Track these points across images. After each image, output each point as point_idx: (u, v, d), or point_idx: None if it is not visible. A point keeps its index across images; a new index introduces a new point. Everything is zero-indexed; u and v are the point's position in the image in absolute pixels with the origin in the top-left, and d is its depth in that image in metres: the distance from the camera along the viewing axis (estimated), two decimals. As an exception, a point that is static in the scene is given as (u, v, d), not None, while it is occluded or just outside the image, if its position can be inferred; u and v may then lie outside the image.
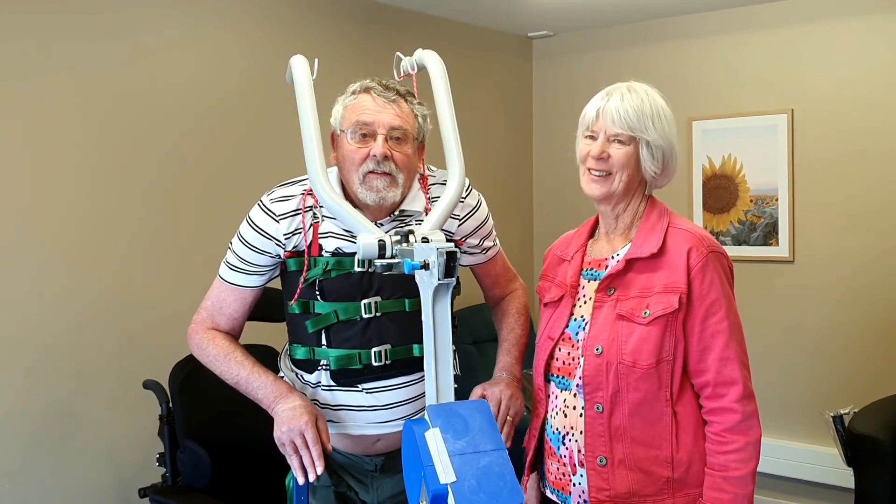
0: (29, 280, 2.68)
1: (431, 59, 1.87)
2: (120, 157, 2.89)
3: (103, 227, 2.85)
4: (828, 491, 3.75)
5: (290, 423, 1.75)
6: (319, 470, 1.74)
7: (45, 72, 2.70)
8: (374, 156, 1.78)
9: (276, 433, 1.77)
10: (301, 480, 1.75)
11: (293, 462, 1.76)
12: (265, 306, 2.08)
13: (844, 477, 3.05)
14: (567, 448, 1.77)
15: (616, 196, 1.75)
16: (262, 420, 1.85)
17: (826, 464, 3.66)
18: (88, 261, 2.82)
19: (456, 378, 1.91)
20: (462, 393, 1.78)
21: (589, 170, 1.76)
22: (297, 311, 1.89)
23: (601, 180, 1.75)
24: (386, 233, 1.63)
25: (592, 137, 1.75)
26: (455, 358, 1.98)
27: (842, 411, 2.82)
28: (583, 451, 1.73)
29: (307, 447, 1.74)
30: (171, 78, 3.04)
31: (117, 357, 2.89)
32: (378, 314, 1.85)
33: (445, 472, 1.44)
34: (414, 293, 1.70)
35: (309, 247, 1.85)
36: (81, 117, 2.79)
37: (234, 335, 1.98)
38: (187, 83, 3.09)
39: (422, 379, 1.77)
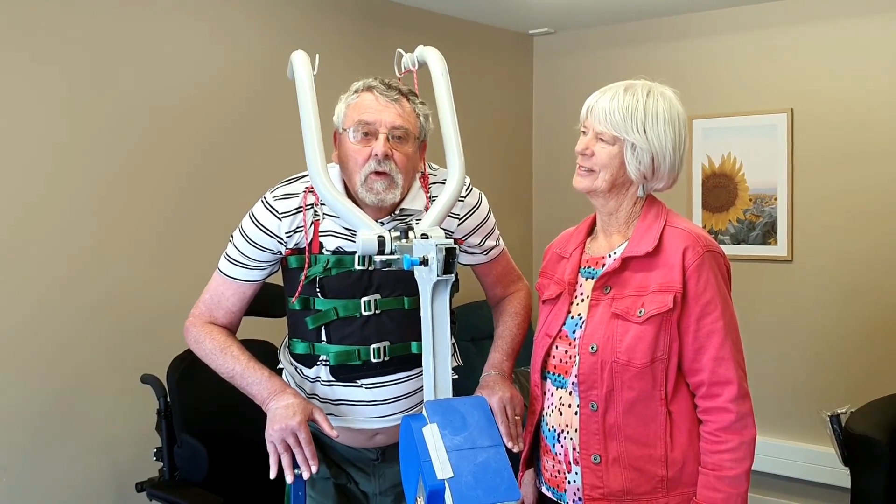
0: (26, 274, 2.68)
1: (432, 56, 1.87)
2: (117, 153, 2.89)
3: (100, 220, 2.85)
4: (824, 490, 3.76)
5: (283, 423, 1.76)
6: (314, 469, 1.76)
7: (39, 65, 2.70)
8: (376, 155, 1.78)
9: (268, 430, 1.78)
10: (290, 479, 1.76)
11: (284, 460, 1.76)
12: (265, 301, 2.08)
13: (841, 476, 3.05)
14: (562, 446, 1.77)
15: (600, 193, 1.75)
16: (260, 414, 1.85)
17: (822, 463, 3.67)
18: (86, 255, 2.82)
19: (457, 369, 1.92)
20: (461, 387, 1.79)
21: (578, 164, 1.77)
22: (297, 308, 1.90)
23: (586, 175, 1.75)
24: (387, 230, 1.64)
25: (584, 133, 1.76)
26: (455, 350, 1.99)
27: (839, 411, 2.82)
28: (577, 449, 1.73)
29: (300, 446, 1.75)
30: (172, 73, 3.04)
31: (115, 351, 2.89)
32: (377, 311, 1.86)
33: (443, 468, 1.45)
34: (413, 291, 1.71)
35: (310, 244, 1.85)
36: (79, 112, 2.79)
37: (231, 329, 1.98)
38: (188, 79, 3.08)
39: (420, 374, 1.77)
